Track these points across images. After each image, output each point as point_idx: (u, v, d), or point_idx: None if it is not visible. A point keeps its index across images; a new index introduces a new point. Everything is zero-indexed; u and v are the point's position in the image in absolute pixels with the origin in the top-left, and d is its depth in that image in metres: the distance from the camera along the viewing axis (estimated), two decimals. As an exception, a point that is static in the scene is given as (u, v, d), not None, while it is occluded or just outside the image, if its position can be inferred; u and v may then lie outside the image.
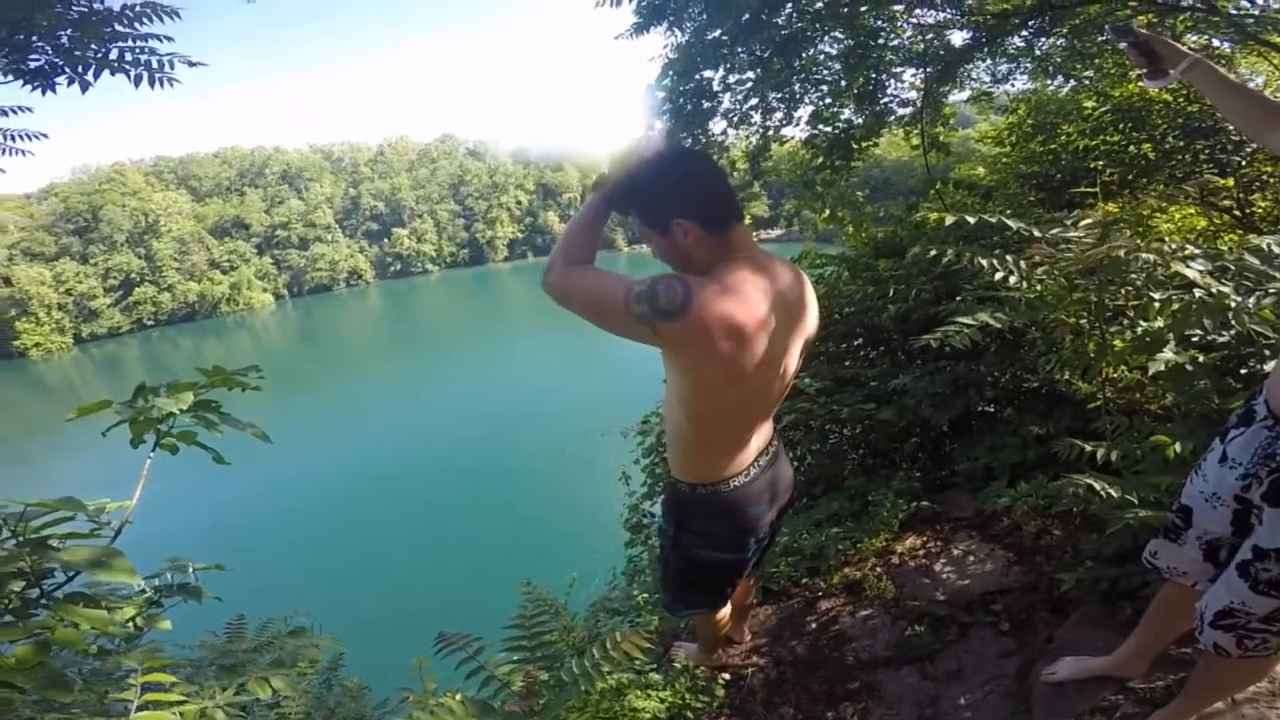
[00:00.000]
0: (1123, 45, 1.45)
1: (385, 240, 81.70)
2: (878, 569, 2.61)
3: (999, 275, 1.86)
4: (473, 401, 31.72)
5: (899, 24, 5.11)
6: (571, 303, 1.34)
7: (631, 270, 1.63)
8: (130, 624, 1.66)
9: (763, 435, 1.60)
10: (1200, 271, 1.73)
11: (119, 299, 65.97)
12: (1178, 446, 1.76)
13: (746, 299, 1.26)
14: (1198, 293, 1.74)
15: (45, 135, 3.14)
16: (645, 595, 3.03)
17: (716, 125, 5.45)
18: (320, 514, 20.89)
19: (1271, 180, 3.79)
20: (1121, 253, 1.72)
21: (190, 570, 1.94)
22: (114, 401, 1.52)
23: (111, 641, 1.74)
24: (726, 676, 2.16)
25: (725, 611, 2.09)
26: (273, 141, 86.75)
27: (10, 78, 2.74)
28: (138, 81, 2.84)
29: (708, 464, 1.52)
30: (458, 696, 1.48)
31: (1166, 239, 2.40)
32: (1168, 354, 1.86)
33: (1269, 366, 1.82)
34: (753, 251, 1.36)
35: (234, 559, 2.07)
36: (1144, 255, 1.73)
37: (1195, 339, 1.99)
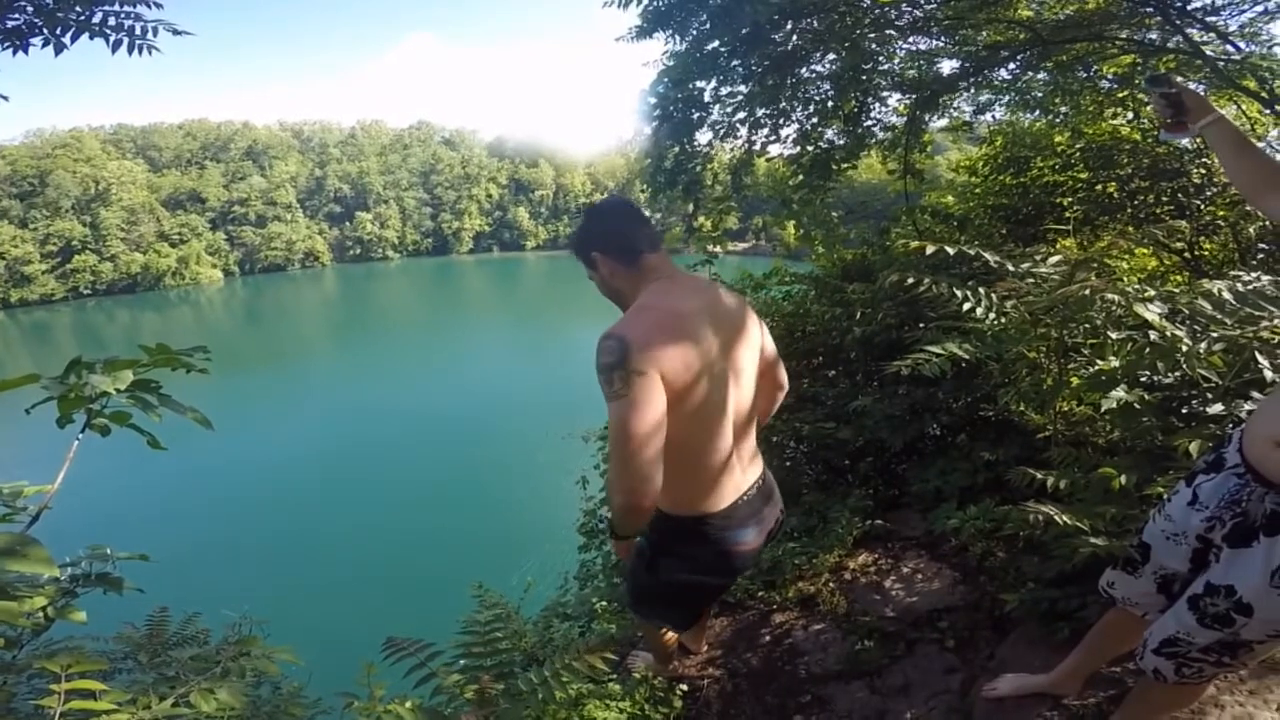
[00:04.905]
0: (1153, 94, 1.47)
1: (347, 223, 79.76)
2: (831, 584, 2.65)
3: (967, 306, 1.90)
4: (426, 395, 30.91)
5: (893, 48, 5.18)
6: (622, 453, 1.34)
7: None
8: (41, 614, 1.53)
9: (747, 465, 1.64)
10: (1158, 314, 1.80)
11: (55, 265, 62.73)
12: (1123, 479, 1.84)
13: (660, 311, 1.41)
14: (1152, 335, 1.81)
15: (5, 98, 2.94)
16: (603, 603, 2.99)
17: (703, 135, 5.47)
18: (257, 506, 19.77)
19: (1223, 226, 3.95)
20: (1086, 292, 1.78)
21: (111, 559, 1.80)
22: (41, 376, 1.39)
23: (14, 630, 1.61)
24: (684, 687, 2.15)
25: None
26: (242, 117, 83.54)
27: None
28: (115, 47, 2.69)
29: (689, 494, 1.55)
30: (407, 704, 1.41)
31: (1123, 278, 2.48)
32: (1119, 392, 1.94)
33: (1212, 409, 1.91)
34: (669, 273, 1.52)
35: (161, 550, 1.92)
36: (1108, 295, 1.79)
37: (1144, 379, 2.07)
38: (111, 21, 2.70)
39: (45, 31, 2.66)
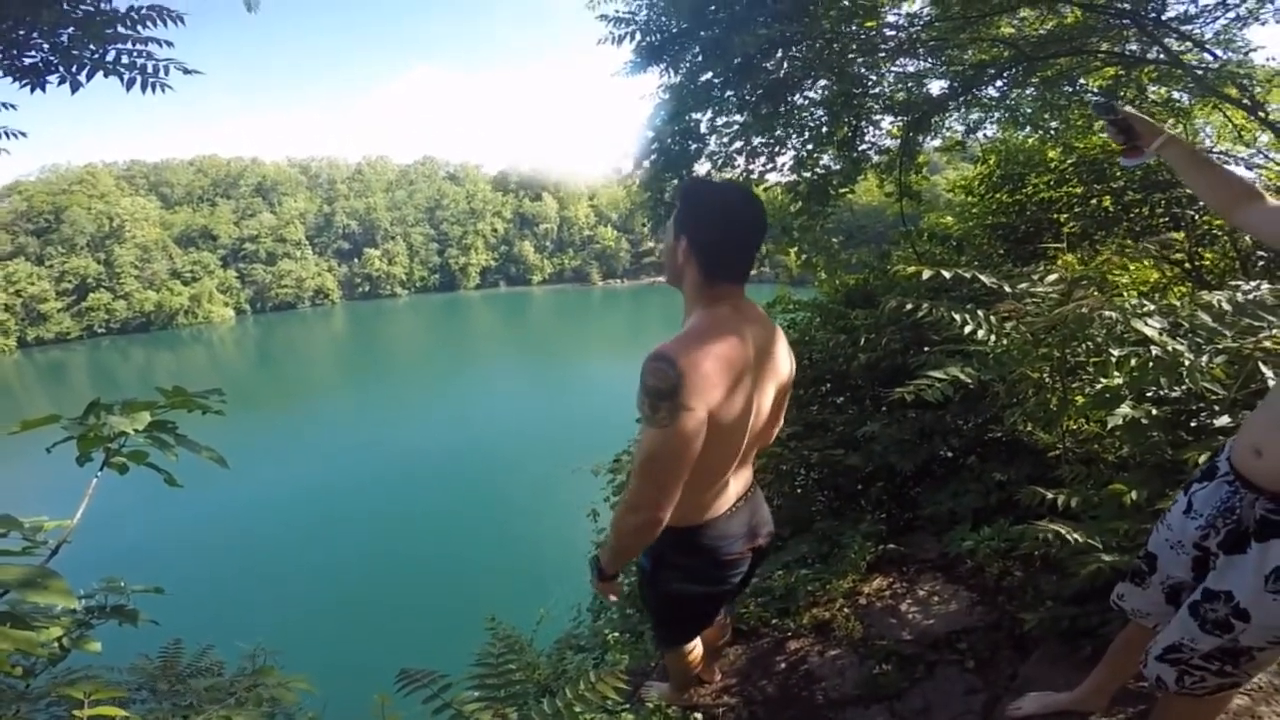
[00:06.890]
0: (1103, 121, 1.51)
1: (355, 260, 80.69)
2: (845, 609, 2.63)
3: (968, 329, 1.92)
4: (437, 432, 30.86)
5: (882, 71, 5.28)
6: (657, 477, 1.37)
7: (604, 301, 1.67)
8: (57, 644, 1.59)
9: (741, 480, 1.67)
10: (1157, 329, 1.82)
11: (71, 303, 63.61)
12: (1134, 494, 1.84)
13: (720, 346, 1.37)
14: (1154, 350, 1.82)
15: (24, 134, 3.07)
16: (616, 634, 2.97)
17: (701, 167, 5.54)
18: (271, 541, 19.82)
19: (1221, 235, 3.96)
20: (1085, 310, 1.79)
21: (126, 592, 1.85)
22: (62, 416, 1.43)
23: (28, 660, 1.64)
24: (698, 716, 2.12)
25: (698, 652, 2.07)
26: (251, 153, 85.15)
27: (1, 74, 2.68)
28: (129, 85, 2.80)
29: (692, 509, 1.57)
30: (421, 736, 1.41)
31: (1124, 293, 2.50)
32: (1125, 409, 1.94)
33: (1219, 421, 1.91)
34: (735, 303, 1.47)
35: (177, 585, 1.97)
36: (1106, 313, 1.81)
37: (1150, 394, 2.08)
38: (125, 60, 2.80)
39: (61, 69, 2.78)
